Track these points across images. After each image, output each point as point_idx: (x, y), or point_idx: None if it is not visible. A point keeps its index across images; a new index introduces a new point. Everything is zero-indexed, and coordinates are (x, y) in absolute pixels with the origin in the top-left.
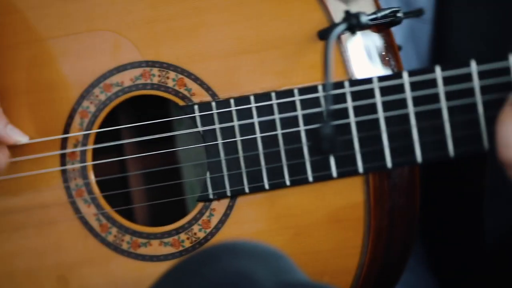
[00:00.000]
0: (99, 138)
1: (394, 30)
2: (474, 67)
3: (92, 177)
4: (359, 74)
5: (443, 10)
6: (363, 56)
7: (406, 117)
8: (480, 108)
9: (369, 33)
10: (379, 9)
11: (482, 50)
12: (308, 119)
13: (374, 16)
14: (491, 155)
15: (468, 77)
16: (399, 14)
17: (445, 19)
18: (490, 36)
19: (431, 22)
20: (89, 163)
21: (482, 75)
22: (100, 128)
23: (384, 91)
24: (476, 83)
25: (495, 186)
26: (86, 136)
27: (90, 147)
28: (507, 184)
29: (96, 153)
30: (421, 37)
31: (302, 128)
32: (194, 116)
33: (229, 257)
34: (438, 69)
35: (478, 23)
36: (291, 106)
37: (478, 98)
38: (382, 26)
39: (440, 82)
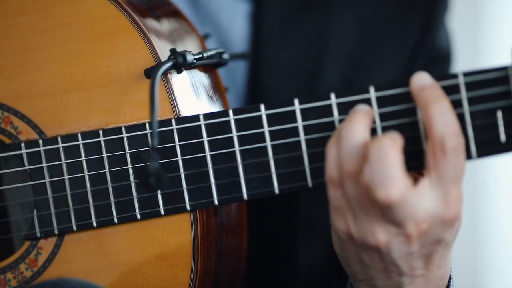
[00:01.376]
0: None
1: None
2: (297, 105)
3: None
4: (186, 112)
5: (257, 50)
6: (191, 95)
7: (232, 154)
8: (304, 146)
9: (196, 73)
10: (204, 49)
11: (294, 89)
12: (136, 157)
13: (200, 55)
14: (303, 191)
15: (292, 116)
16: (225, 56)
17: (259, 59)
18: (302, 75)
19: (246, 62)
20: None
21: (304, 113)
22: None
23: (211, 128)
24: (299, 122)
25: (308, 221)
26: None
27: None
28: (319, 220)
29: None
30: (238, 76)
31: (130, 165)
32: (21, 154)
33: None
34: (262, 107)
35: (291, 57)
36: (119, 144)
37: (302, 136)
38: (209, 66)
39: (264, 121)
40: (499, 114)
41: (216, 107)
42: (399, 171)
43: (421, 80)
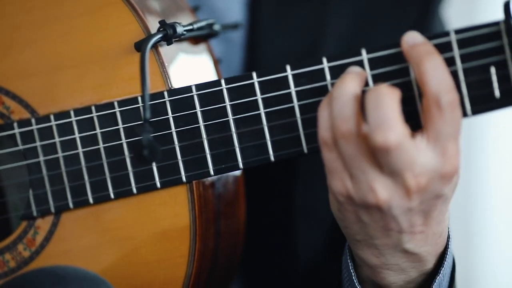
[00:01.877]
0: None
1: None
2: (289, 71)
3: None
4: (178, 84)
5: (254, 37)
6: (182, 66)
7: (226, 124)
8: (297, 112)
9: (187, 44)
10: (195, 21)
11: None
12: (129, 131)
13: (190, 27)
14: (299, 176)
15: (285, 82)
16: (215, 27)
17: (256, 46)
18: (300, 55)
19: (242, 45)
20: None
21: (296, 79)
22: None
23: (203, 99)
24: (292, 88)
25: (304, 206)
26: None
27: None
28: (315, 204)
29: None
30: (235, 63)
31: (124, 140)
32: (14, 134)
33: (48, 283)
34: (254, 75)
35: (287, 44)
36: (112, 119)
37: (295, 102)
38: (200, 38)
39: (257, 88)
40: (493, 70)
41: (208, 78)
42: (397, 117)
43: (412, 38)
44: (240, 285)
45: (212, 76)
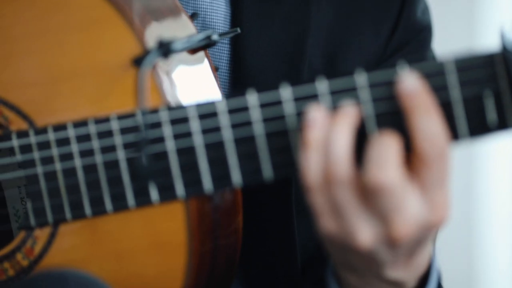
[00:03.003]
0: None
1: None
2: (287, 91)
3: None
4: (175, 101)
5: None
6: (180, 80)
7: (223, 142)
8: (293, 134)
9: (185, 56)
10: (193, 34)
11: (278, 68)
12: (127, 146)
13: (187, 41)
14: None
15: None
16: (214, 37)
17: (241, 41)
18: (286, 53)
19: (228, 43)
20: None
21: (296, 100)
22: None
23: (202, 117)
24: (291, 107)
25: (301, 204)
26: None
27: None
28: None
29: None
30: (220, 58)
31: (121, 155)
32: (12, 145)
33: (56, 286)
34: (253, 97)
35: (272, 40)
36: (110, 133)
37: (292, 123)
38: (198, 48)
39: (257, 107)
40: (487, 98)
41: (207, 88)
42: (396, 160)
43: (409, 85)
44: (239, 286)
45: (211, 85)
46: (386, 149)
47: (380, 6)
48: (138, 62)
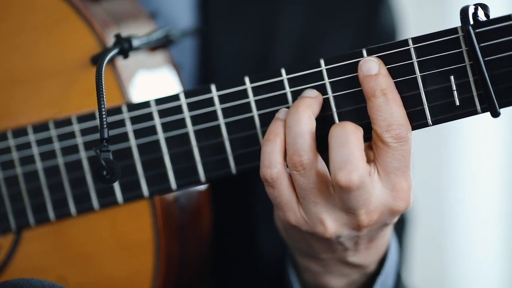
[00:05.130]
0: None
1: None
2: (248, 83)
3: None
4: (136, 97)
5: (205, 39)
6: (140, 78)
7: (186, 137)
8: (258, 124)
9: (145, 54)
10: (152, 31)
11: (247, 70)
12: (89, 146)
13: (146, 40)
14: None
15: (244, 93)
16: (173, 34)
17: (208, 48)
18: (253, 60)
19: (193, 48)
20: None
21: (255, 90)
22: None
23: (163, 112)
24: (251, 98)
25: (266, 210)
26: None
27: None
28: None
29: None
30: (188, 65)
31: (83, 155)
32: None
33: None
34: (213, 88)
35: (239, 46)
36: (71, 134)
37: (255, 112)
38: (158, 46)
39: (216, 100)
40: (452, 78)
41: (169, 86)
42: (362, 156)
43: (367, 67)
44: None
45: (173, 82)
46: (351, 143)
47: (347, 11)
48: (95, 59)
